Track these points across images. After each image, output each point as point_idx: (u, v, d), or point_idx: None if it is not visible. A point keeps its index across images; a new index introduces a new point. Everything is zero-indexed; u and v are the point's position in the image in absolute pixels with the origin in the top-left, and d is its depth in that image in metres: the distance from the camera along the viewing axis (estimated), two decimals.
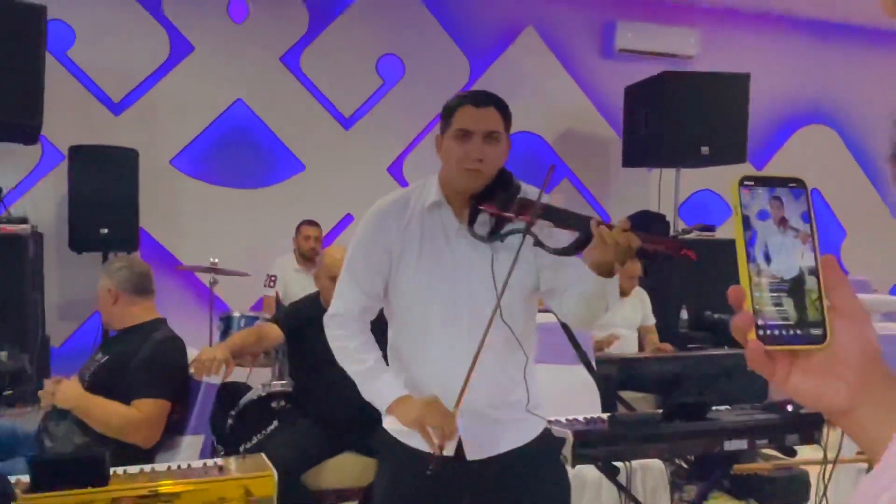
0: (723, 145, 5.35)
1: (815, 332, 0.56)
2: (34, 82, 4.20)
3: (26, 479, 1.89)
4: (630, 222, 1.52)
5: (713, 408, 2.60)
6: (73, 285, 5.03)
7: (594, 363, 3.42)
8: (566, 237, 1.65)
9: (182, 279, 5.24)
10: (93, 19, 5.13)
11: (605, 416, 2.55)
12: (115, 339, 2.85)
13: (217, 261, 4.67)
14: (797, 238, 0.58)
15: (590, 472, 2.92)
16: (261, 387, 3.51)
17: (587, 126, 6.24)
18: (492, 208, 1.73)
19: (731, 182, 0.59)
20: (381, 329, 1.91)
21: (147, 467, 2.10)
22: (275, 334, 3.16)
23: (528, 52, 6.06)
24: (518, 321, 1.76)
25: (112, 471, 1.98)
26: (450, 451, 1.72)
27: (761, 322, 0.56)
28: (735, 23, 6.51)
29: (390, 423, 1.86)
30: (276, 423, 3.31)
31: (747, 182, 0.59)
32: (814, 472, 3.71)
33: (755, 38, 6.56)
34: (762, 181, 0.59)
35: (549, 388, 1.99)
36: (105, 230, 4.69)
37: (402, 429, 1.80)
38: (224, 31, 5.41)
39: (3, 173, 4.49)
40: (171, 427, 2.67)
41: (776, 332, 0.56)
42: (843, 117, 6.90)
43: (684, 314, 4.85)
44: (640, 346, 4.38)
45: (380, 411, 1.85)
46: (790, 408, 2.58)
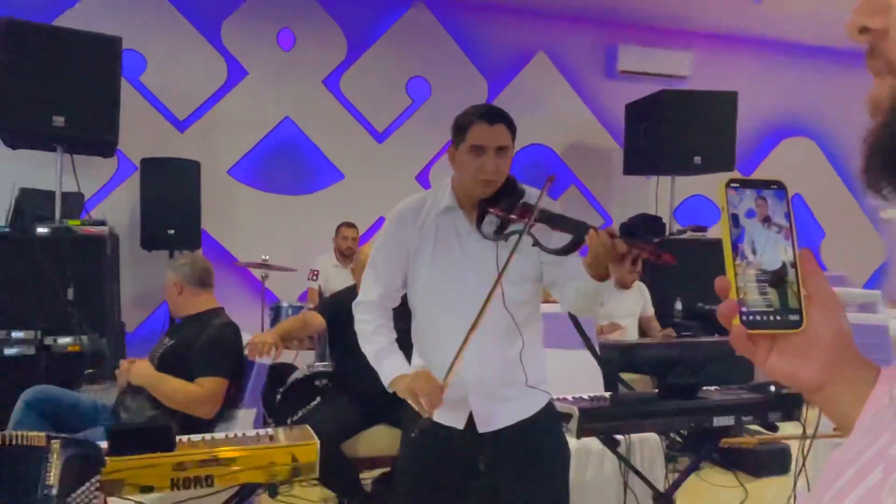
0: (713, 155, 5.30)
1: (793, 318, 0.56)
2: (111, 103, 4.23)
3: (105, 445, 1.92)
4: (616, 230, 1.52)
5: (703, 388, 2.58)
6: (144, 279, 5.07)
7: (598, 348, 3.41)
8: (563, 238, 1.64)
9: (237, 273, 5.28)
10: (161, 48, 5.19)
11: (607, 394, 2.55)
12: (181, 325, 2.88)
13: (267, 258, 4.72)
14: (779, 234, 0.58)
15: (593, 444, 2.91)
16: (305, 367, 3.55)
17: (592, 139, 6.20)
18: (498, 211, 1.72)
19: (718, 184, 0.59)
20: (405, 317, 1.91)
21: (208, 436, 2.11)
22: (318, 321, 3.16)
23: (540, 73, 6.04)
24: (521, 310, 1.76)
25: (178, 439, 1.99)
26: (458, 423, 1.74)
27: (745, 309, 0.56)
28: (724, 46, 6.45)
29: None
30: (318, 399, 3.33)
31: (733, 184, 0.58)
32: (794, 446, 3.67)
33: (743, 60, 6.50)
34: (747, 183, 0.59)
35: (557, 370, 1.98)
36: (171, 231, 4.73)
37: None
38: (274, 58, 5.45)
39: (85, 182, 4.55)
40: (229, 401, 2.70)
41: (758, 317, 0.56)
42: (821, 130, 6.81)
43: (678, 305, 4.83)
44: (642, 333, 4.36)
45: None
46: (773, 388, 2.55)
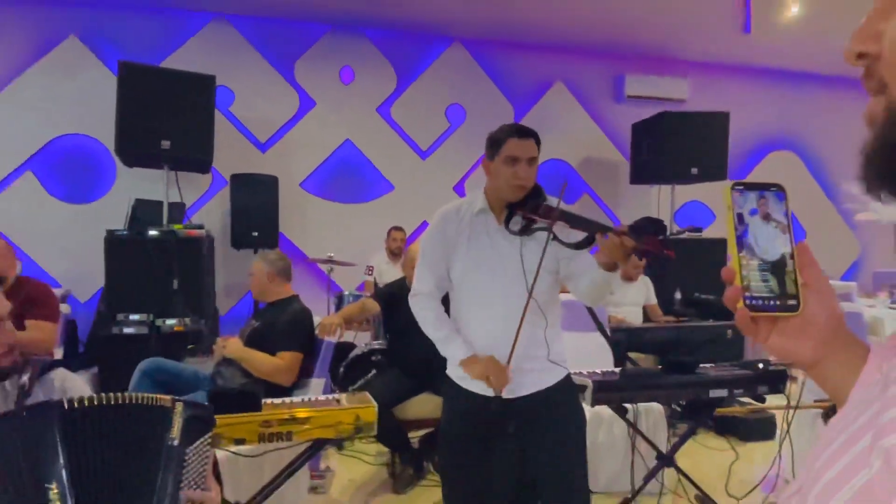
0: (708, 167, 5.17)
1: (791, 303, 0.55)
2: (206, 130, 4.27)
3: None
4: (626, 228, 1.49)
5: (700, 365, 2.54)
6: (233, 273, 5.13)
7: (609, 331, 3.37)
8: (578, 235, 1.63)
9: (308, 268, 5.31)
10: (246, 84, 5.25)
11: (617, 370, 2.52)
12: (264, 309, 2.92)
13: (332, 255, 4.76)
14: (778, 230, 0.56)
15: (605, 412, 2.88)
16: (363, 345, 3.58)
17: (602, 154, 6.11)
18: (524, 212, 1.72)
19: (723, 187, 0.57)
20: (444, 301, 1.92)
21: (287, 399, 2.12)
22: (374, 307, 3.18)
23: (558, 99, 5.97)
24: (543, 296, 1.75)
25: (263, 401, 2.02)
26: (507, 394, 1.73)
27: (748, 294, 0.55)
28: (717, 73, 6.29)
29: (452, 371, 1.86)
30: (373, 371, 3.35)
31: (737, 187, 0.57)
32: (779, 416, 3.57)
33: (733, 85, 6.32)
34: (750, 186, 0.57)
35: (575, 349, 1.97)
36: (255, 233, 4.77)
37: (461, 375, 1.81)
38: (337, 91, 5.48)
39: (186, 194, 4.61)
40: (303, 372, 2.73)
41: (760, 302, 0.55)
42: (803, 144, 6.59)
43: (678, 295, 4.73)
44: (646, 319, 4.29)
45: (445, 362, 1.86)
46: (761, 365, 2.49)
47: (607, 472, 2.98)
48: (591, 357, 3.01)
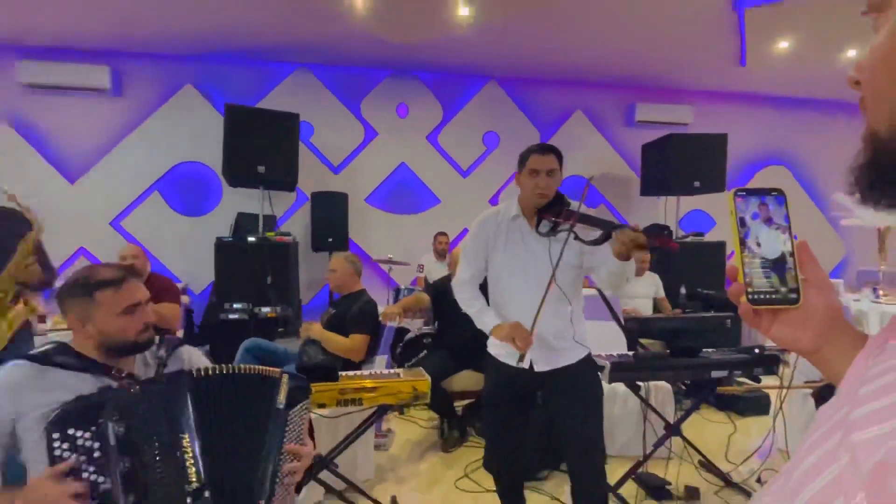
0: (709, 180, 4.99)
1: (792, 296, 0.51)
2: (292, 156, 4.35)
3: None
4: (638, 225, 1.49)
5: (703, 350, 2.47)
6: (314, 270, 5.18)
7: (623, 321, 3.30)
8: (595, 233, 1.61)
9: (372, 267, 5.34)
10: (323, 119, 5.32)
11: (631, 353, 2.48)
12: (340, 300, 2.93)
13: (391, 256, 4.83)
14: (779, 230, 0.53)
15: (620, 388, 2.84)
16: (416, 330, 3.59)
17: (616, 170, 5.97)
18: (549, 216, 1.71)
19: (727, 194, 0.54)
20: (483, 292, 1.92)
21: (358, 372, 2.16)
22: (426, 299, 3.20)
23: (578, 125, 5.88)
24: (568, 286, 1.74)
25: (340, 374, 2.06)
26: (527, 360, 1.70)
27: (751, 289, 0.52)
28: (717, 101, 6.05)
29: (492, 349, 1.85)
30: (425, 351, 3.36)
31: (740, 193, 0.53)
32: (773, 394, 3.42)
33: (731, 110, 6.07)
34: (752, 192, 0.54)
35: (594, 335, 1.95)
36: (330, 239, 4.82)
37: (500, 352, 1.80)
38: (394, 123, 5.52)
39: (277, 208, 4.72)
40: (370, 351, 2.75)
41: (762, 296, 0.51)
42: (792, 159, 6.26)
43: (683, 290, 4.59)
44: (656, 311, 4.17)
45: (486, 344, 1.86)
46: (757, 350, 2.40)
47: (622, 439, 2.93)
48: (608, 342, 2.96)
